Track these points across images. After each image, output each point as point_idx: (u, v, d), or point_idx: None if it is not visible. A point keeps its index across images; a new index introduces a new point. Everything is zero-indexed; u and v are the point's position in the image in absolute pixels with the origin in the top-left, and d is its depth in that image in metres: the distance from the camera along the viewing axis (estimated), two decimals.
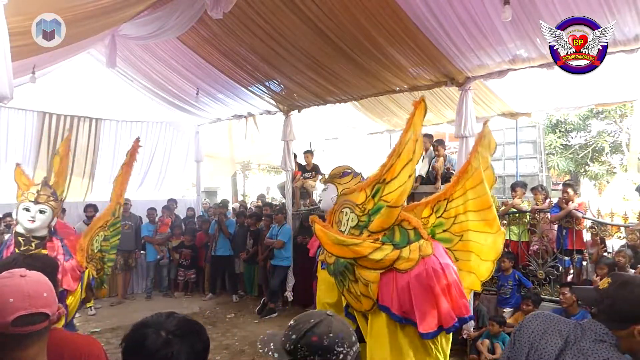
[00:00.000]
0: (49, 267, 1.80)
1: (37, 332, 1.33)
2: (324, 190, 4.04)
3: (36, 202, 3.84)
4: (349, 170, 3.79)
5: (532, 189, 6.46)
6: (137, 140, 5.20)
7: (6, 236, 5.26)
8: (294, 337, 1.31)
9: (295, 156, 8.25)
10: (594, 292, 1.67)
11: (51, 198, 3.92)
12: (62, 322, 3.54)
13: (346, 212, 3.36)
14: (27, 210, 3.80)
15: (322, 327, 1.30)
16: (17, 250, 3.75)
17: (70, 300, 3.80)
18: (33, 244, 3.81)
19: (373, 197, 3.15)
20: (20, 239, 3.82)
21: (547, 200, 6.12)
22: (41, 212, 3.82)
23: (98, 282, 4.39)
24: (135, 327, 1.28)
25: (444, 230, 3.42)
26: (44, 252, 3.78)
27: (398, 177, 3.03)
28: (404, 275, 3.05)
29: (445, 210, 3.43)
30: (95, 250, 4.29)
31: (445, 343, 3.18)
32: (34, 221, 3.78)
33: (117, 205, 4.63)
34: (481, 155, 3.45)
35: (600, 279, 4.48)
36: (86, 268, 4.01)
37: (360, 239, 3.06)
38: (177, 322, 1.27)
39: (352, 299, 3.34)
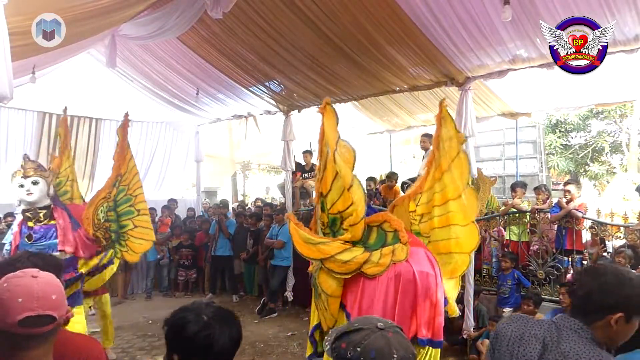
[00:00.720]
0: (53, 266, 1.79)
1: (44, 333, 1.32)
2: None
3: (25, 176, 4.00)
4: None
5: (535, 189, 6.45)
6: (127, 114, 5.26)
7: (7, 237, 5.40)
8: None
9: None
10: None
11: (39, 170, 4.09)
12: (75, 289, 3.98)
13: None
14: (22, 186, 3.98)
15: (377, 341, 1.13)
16: (29, 225, 3.98)
17: (81, 266, 4.09)
18: (41, 214, 3.99)
19: (322, 211, 3.02)
20: (27, 214, 3.99)
21: (547, 201, 6.13)
22: (34, 183, 3.99)
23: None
24: (176, 312, 1.39)
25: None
26: (52, 222, 4.04)
27: (331, 190, 2.85)
28: (372, 282, 2.80)
29: (417, 205, 3.26)
30: (102, 220, 4.51)
31: None
32: (31, 193, 3.97)
33: (117, 177, 4.87)
34: (443, 140, 3.23)
35: None
36: (94, 236, 4.30)
37: (329, 238, 2.88)
38: (215, 310, 1.36)
39: (320, 314, 3.08)
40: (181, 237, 8.48)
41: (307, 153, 8.90)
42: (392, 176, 7.58)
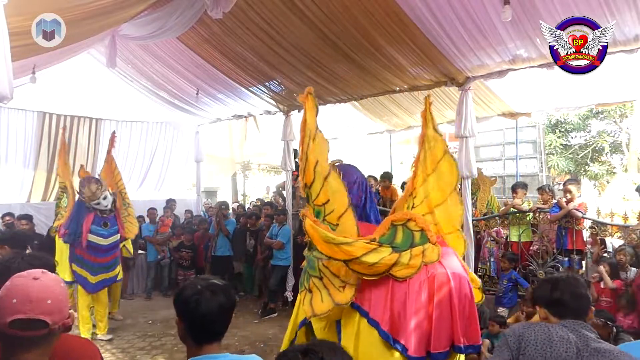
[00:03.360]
0: (48, 267, 1.78)
1: (33, 338, 1.29)
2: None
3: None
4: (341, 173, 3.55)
5: (539, 189, 6.43)
6: (113, 133, 6.79)
7: None
8: None
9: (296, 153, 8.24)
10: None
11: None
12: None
13: None
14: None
15: None
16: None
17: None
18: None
19: (308, 202, 2.83)
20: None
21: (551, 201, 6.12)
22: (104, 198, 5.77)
23: None
24: (182, 284, 1.67)
25: None
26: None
27: (314, 179, 2.69)
28: (402, 285, 2.58)
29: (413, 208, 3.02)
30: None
31: None
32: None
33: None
34: (428, 139, 3.02)
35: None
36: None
37: (352, 238, 2.62)
38: (211, 282, 1.62)
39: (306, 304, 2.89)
40: (182, 237, 8.47)
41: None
42: (385, 176, 7.59)
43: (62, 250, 5.79)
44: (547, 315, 1.91)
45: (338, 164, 3.13)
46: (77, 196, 5.88)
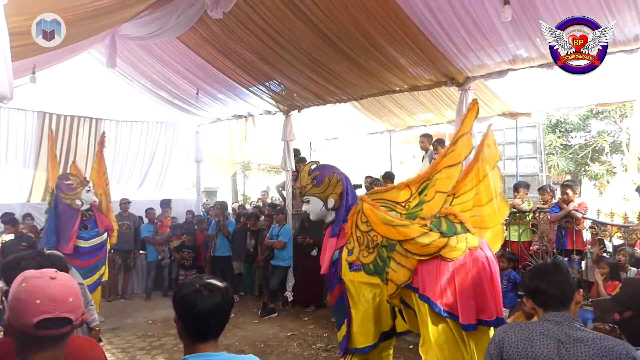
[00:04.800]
0: (58, 266, 1.79)
1: (58, 336, 1.33)
2: (306, 202, 3.89)
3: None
4: (318, 174, 3.77)
5: (539, 189, 6.43)
6: (103, 134, 6.83)
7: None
8: None
9: (299, 152, 8.23)
10: (610, 302, 1.80)
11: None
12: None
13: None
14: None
15: None
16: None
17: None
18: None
19: (419, 194, 3.28)
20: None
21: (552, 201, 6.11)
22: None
23: None
24: (182, 283, 1.68)
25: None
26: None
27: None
28: (449, 264, 3.01)
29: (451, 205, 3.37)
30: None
31: (475, 346, 3.03)
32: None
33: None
34: (485, 158, 3.36)
35: (602, 277, 4.51)
36: None
37: (408, 221, 3.09)
38: (208, 282, 1.61)
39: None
40: (182, 237, 8.47)
41: (299, 162, 7.88)
42: (387, 176, 7.61)
43: None
44: (533, 306, 1.89)
45: (315, 165, 3.74)
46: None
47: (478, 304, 2.96)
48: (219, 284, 1.65)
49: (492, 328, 3.02)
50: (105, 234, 5.98)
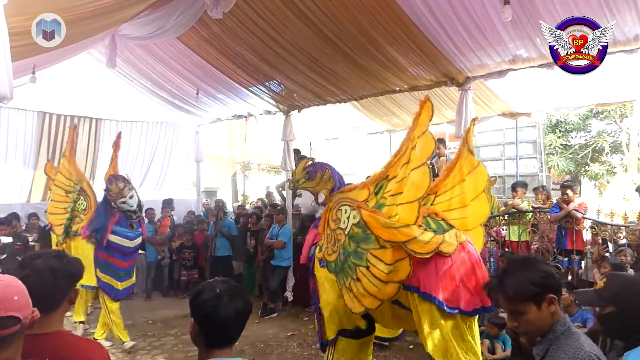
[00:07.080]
0: (74, 267, 1.77)
1: (9, 336, 1.31)
2: (299, 196, 4.00)
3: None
4: (312, 169, 3.81)
5: (534, 189, 6.46)
6: (119, 134, 6.45)
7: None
8: None
9: (299, 152, 8.19)
10: (592, 294, 1.72)
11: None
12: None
13: (345, 210, 3.40)
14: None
15: None
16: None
17: None
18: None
19: (376, 194, 3.27)
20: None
21: (547, 201, 6.12)
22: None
23: None
24: (199, 286, 1.64)
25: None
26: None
27: (399, 175, 3.15)
28: (446, 259, 3.10)
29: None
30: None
31: (475, 332, 3.22)
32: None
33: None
34: (465, 155, 3.49)
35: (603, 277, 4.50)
36: None
37: (406, 223, 3.14)
38: (228, 286, 1.59)
39: (349, 298, 3.28)
40: (183, 237, 8.47)
41: (298, 160, 8.41)
42: None
43: (86, 255, 5.35)
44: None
45: (311, 162, 3.83)
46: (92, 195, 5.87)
47: (475, 291, 3.11)
48: (236, 285, 1.63)
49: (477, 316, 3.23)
50: (141, 237, 5.83)
